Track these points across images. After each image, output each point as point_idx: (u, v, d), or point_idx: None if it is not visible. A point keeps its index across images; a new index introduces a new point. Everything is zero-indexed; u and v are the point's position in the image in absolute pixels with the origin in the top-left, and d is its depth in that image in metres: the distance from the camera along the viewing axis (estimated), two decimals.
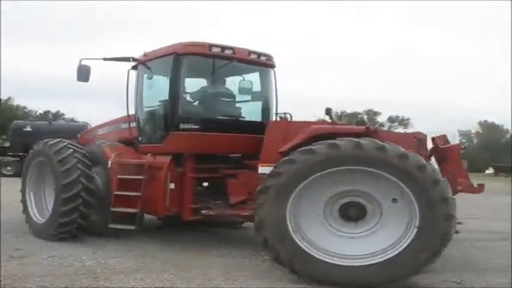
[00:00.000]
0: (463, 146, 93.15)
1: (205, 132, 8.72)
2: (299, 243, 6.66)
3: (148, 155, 9.11)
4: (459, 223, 8.36)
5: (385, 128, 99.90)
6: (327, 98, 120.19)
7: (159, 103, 9.15)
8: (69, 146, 9.31)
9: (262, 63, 9.59)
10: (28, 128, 31.89)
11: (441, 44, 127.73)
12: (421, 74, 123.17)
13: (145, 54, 9.49)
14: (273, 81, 9.86)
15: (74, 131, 14.60)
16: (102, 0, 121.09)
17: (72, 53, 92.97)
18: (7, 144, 34.08)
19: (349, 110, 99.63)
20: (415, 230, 6.47)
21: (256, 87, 9.76)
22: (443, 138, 8.32)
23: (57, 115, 79.96)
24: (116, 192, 8.81)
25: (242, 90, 9.64)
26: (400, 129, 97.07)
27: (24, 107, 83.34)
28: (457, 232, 7.90)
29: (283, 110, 9.73)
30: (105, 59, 9.56)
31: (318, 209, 6.91)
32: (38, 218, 9.75)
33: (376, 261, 6.53)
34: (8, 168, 31.29)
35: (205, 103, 9.23)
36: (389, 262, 6.47)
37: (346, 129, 7.62)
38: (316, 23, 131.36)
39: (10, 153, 31.33)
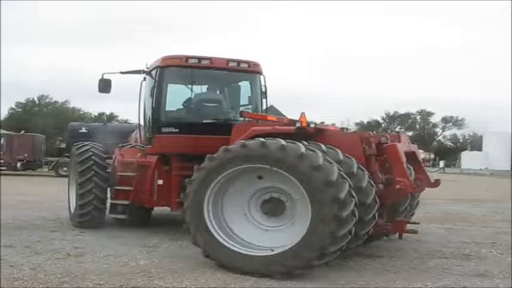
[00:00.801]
0: None
1: (185, 134, 9.57)
2: (213, 231, 7.32)
3: (139, 154, 10.27)
4: (415, 223, 8.77)
5: (438, 129, 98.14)
6: (384, 98, 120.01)
7: (151, 110, 10.06)
8: (88, 144, 10.84)
9: (244, 71, 10.27)
10: (84, 130, 32.74)
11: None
12: (480, 73, 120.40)
13: (147, 67, 10.38)
14: (260, 87, 10.44)
15: (127, 132, 14.87)
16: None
17: (124, 55, 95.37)
18: (63, 146, 34.97)
19: (402, 111, 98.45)
20: (310, 218, 6.70)
21: (243, 92, 10.68)
22: (396, 137, 8.55)
23: (112, 117, 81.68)
24: (115, 187, 10.20)
25: (225, 96, 10.67)
26: (455, 130, 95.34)
27: (80, 109, 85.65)
28: (414, 232, 8.28)
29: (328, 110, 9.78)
30: (122, 73, 10.48)
31: (243, 201, 7.55)
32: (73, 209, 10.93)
33: (279, 251, 6.90)
34: (65, 168, 32.15)
35: (187, 109, 10.23)
36: (289, 252, 6.78)
37: (281, 129, 8.15)
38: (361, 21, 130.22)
39: (66, 154, 32.17)
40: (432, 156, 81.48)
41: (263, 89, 10.45)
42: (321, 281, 6.84)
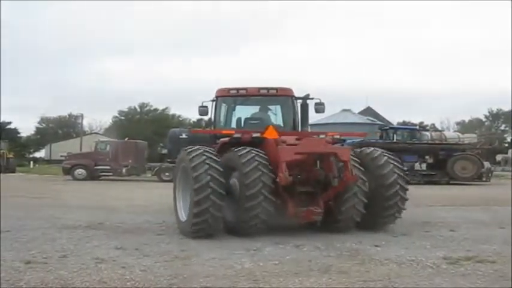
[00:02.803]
0: None
1: None
2: (178, 209, 10.81)
3: None
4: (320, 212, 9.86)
5: None
6: (488, 94, 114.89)
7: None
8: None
9: (274, 95, 12.85)
10: (183, 135, 33.54)
11: None
12: None
13: None
14: (291, 107, 12.77)
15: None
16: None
17: (219, 63, 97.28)
18: (165, 151, 36.08)
19: (506, 108, 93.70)
20: None
21: (277, 112, 13.23)
22: (309, 141, 10.39)
23: (210, 123, 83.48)
24: None
25: (266, 115, 13.26)
26: None
27: (179, 116, 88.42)
28: (316, 220, 10.09)
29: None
30: (212, 100, 13.08)
31: None
32: None
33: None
34: (167, 174, 33.31)
35: (235, 125, 13.07)
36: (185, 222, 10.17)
37: (226, 140, 11.17)
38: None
39: (168, 160, 33.21)
40: None
41: (296, 109, 12.69)
42: (428, 285, 6.65)
